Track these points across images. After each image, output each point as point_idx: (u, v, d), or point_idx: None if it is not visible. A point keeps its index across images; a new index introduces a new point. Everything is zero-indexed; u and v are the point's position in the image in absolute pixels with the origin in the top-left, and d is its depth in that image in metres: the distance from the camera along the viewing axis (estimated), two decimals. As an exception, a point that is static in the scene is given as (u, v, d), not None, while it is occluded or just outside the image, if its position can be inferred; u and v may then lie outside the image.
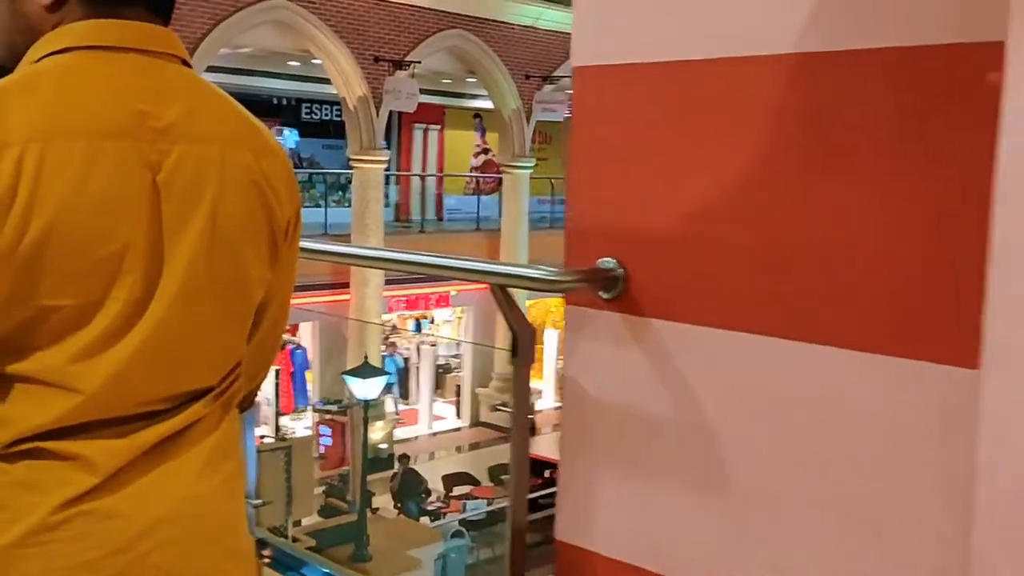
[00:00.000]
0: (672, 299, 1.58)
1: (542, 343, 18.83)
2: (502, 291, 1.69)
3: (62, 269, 0.93)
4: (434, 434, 16.73)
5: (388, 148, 14.30)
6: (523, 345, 1.73)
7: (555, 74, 15.98)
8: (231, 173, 1.04)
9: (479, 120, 19.62)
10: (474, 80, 17.06)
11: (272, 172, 1.09)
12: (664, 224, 1.59)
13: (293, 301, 1.27)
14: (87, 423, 0.95)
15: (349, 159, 13.96)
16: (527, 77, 15.68)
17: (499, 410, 13.15)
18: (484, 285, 1.66)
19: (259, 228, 1.07)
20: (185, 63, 1.07)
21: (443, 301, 16.29)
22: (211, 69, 12.75)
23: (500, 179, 17.87)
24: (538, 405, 16.87)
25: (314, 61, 14.28)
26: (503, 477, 12.64)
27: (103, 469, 0.95)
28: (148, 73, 1.01)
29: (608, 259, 1.63)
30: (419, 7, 13.86)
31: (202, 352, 1.04)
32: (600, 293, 1.64)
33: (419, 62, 13.90)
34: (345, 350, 13.93)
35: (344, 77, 13.34)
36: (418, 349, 17.92)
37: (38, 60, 0.99)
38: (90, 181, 0.93)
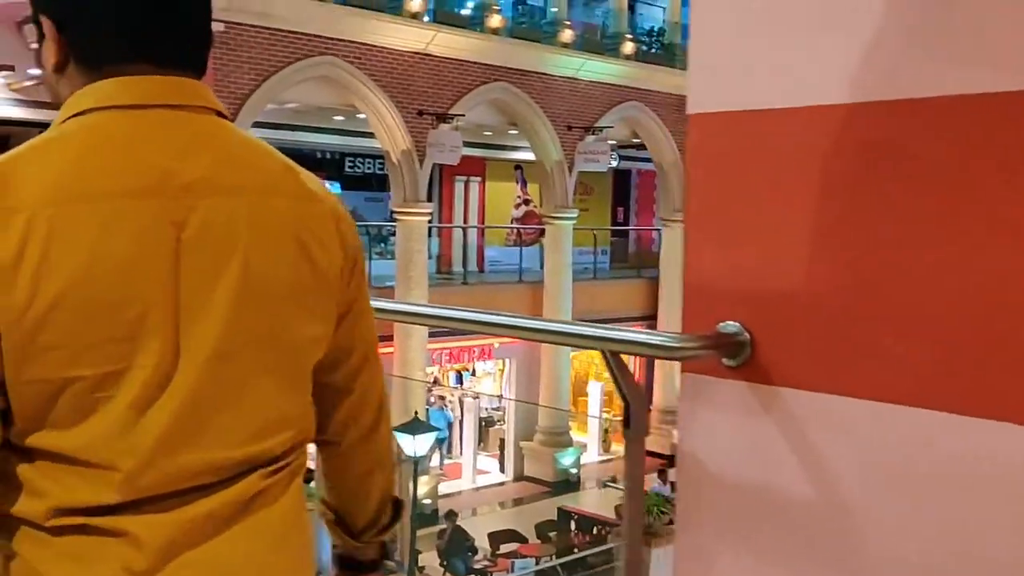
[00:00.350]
0: (804, 366, 1.45)
1: (585, 395, 18.65)
2: (614, 358, 1.56)
3: (79, 336, 0.88)
4: (477, 488, 16.50)
5: (430, 200, 14.32)
6: (637, 415, 1.60)
7: (597, 124, 15.97)
8: (265, 224, 0.99)
9: (520, 171, 19.63)
10: (515, 131, 17.11)
11: (313, 218, 1.03)
12: (794, 284, 1.47)
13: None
14: (133, 500, 0.91)
15: (392, 212, 14.00)
16: (569, 128, 15.69)
17: (610, 487, 12.70)
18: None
19: (302, 280, 1.01)
20: (220, 114, 1.03)
21: (486, 354, 16.18)
22: (256, 125, 12.88)
23: (542, 230, 17.83)
24: (583, 459, 16.60)
25: (358, 116, 14.40)
26: (551, 534, 12.39)
27: (151, 546, 0.91)
28: (172, 128, 0.97)
29: (731, 323, 1.51)
30: (462, 61, 13.96)
31: (249, 419, 0.98)
32: (723, 360, 1.51)
33: (463, 115, 13.95)
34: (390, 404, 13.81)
35: (388, 131, 13.42)
36: (460, 402, 17.77)
37: (64, 121, 0.97)
38: (108, 244, 0.89)
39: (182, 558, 0.92)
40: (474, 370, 17.83)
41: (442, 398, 17.26)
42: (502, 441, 17.19)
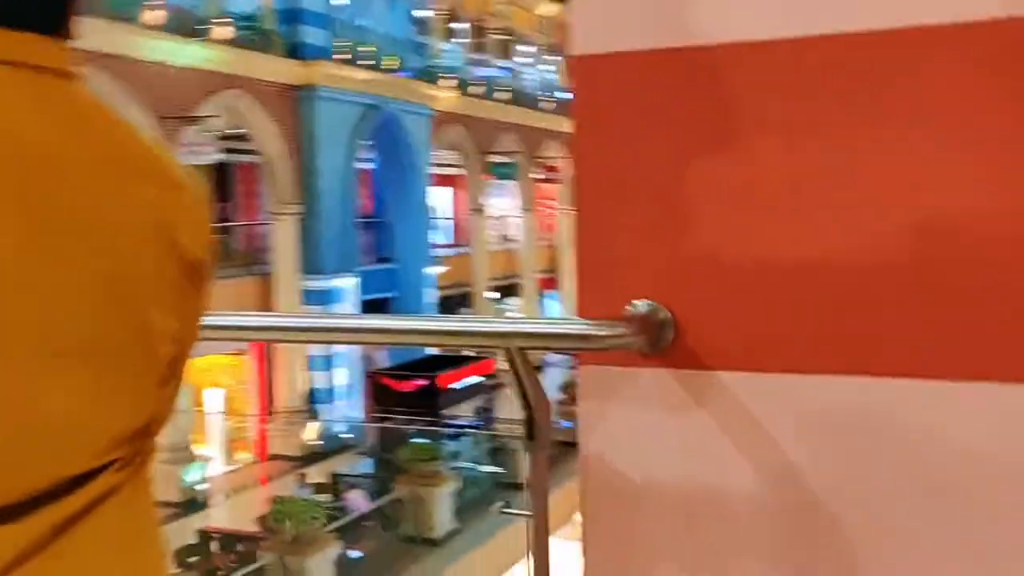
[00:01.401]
0: (740, 344, 1.25)
1: (201, 404, 17.51)
2: (522, 357, 1.25)
3: None
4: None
5: None
6: (541, 425, 1.30)
7: (197, 114, 14.92)
8: (125, 209, 0.87)
9: (107, 167, 17.85)
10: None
11: (178, 207, 0.92)
12: (715, 249, 1.26)
13: None
14: None
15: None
16: (165, 119, 14.47)
17: (507, 513, 11.48)
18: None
19: (162, 272, 0.90)
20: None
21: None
22: None
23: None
24: (209, 471, 15.57)
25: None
26: (191, 560, 11.38)
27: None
28: (29, 92, 0.83)
29: (642, 302, 1.27)
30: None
31: (107, 422, 0.86)
32: (641, 347, 1.27)
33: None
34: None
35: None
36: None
37: None
38: None
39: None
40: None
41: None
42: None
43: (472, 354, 19.46)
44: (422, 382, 14.06)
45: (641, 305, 1.26)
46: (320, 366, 18.06)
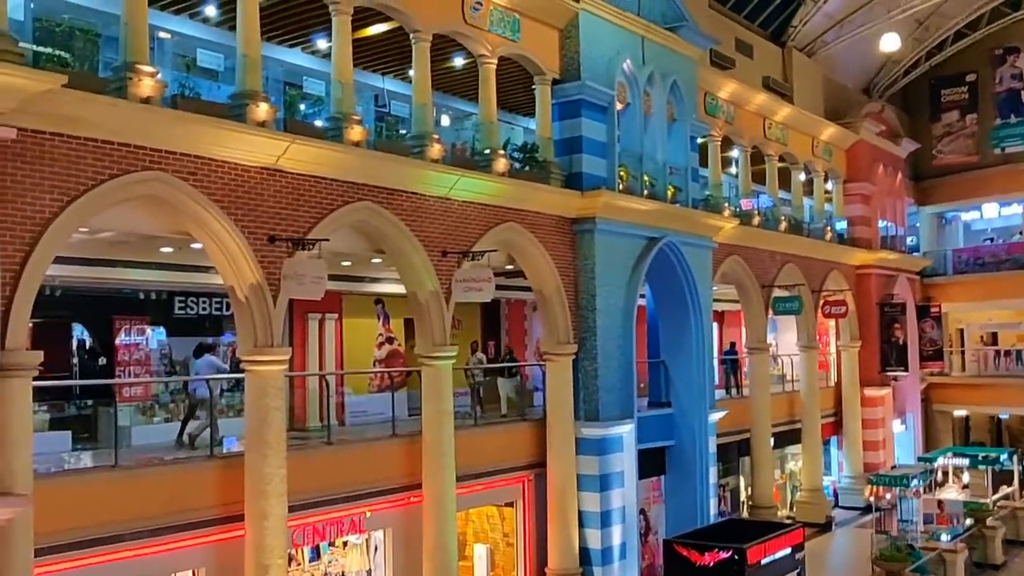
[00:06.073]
0: None
1: (466, 559, 16.07)
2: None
3: None
4: None
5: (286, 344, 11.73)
6: None
7: (474, 248, 14.02)
8: None
9: (381, 306, 17.36)
10: (377, 261, 14.92)
11: None
12: None
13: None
14: None
15: (240, 360, 11.36)
16: (444, 254, 13.64)
17: None
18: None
19: None
20: None
21: (357, 526, 13.40)
22: (60, 260, 10.17)
23: (409, 373, 15.53)
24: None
25: (192, 245, 11.88)
26: None
27: None
28: None
29: None
30: (319, 178, 11.80)
31: None
32: None
33: (327, 240, 11.68)
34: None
35: (232, 261, 10.95)
36: (324, 584, 14.76)
37: None
38: None
39: None
40: (333, 541, 14.88)
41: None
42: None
43: (782, 520, 16.88)
44: (726, 555, 11.88)
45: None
46: (593, 523, 16.20)
